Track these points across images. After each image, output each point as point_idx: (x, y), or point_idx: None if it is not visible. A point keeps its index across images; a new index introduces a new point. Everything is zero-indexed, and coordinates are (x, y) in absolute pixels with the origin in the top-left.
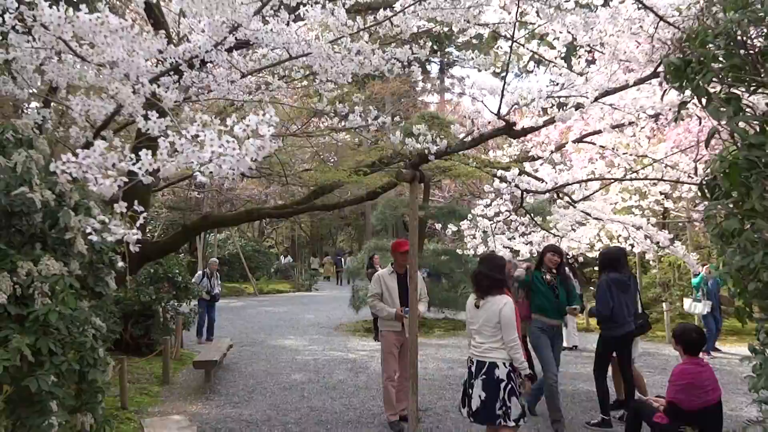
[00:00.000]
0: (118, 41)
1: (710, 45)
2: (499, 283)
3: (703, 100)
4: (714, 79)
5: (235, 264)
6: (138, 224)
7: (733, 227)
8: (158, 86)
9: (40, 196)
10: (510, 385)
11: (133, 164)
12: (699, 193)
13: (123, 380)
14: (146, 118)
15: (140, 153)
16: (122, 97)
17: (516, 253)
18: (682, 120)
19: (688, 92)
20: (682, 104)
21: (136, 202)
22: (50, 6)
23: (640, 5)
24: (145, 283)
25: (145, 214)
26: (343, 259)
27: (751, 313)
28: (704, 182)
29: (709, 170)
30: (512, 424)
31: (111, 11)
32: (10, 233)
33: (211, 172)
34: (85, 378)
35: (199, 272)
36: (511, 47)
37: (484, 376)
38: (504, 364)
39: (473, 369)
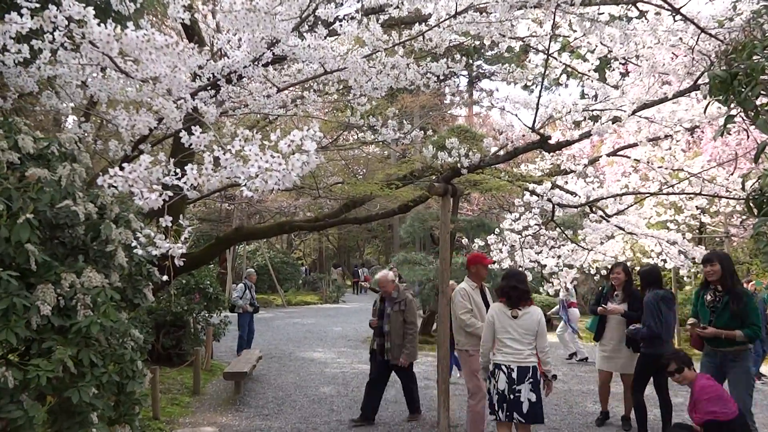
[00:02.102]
0: (162, 57)
1: (758, 57)
2: (528, 294)
3: (750, 114)
4: (762, 92)
5: (264, 275)
6: (183, 238)
7: None
8: (199, 101)
9: (83, 209)
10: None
11: (178, 179)
12: (737, 208)
13: (155, 390)
14: (190, 132)
15: (185, 168)
16: (167, 113)
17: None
18: (729, 134)
19: (733, 105)
20: (729, 117)
21: (171, 215)
22: (99, 24)
23: (680, 17)
24: (177, 293)
25: (190, 229)
26: (361, 271)
27: None
28: (751, 197)
29: (756, 185)
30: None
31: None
32: (54, 245)
33: (257, 188)
34: (123, 390)
35: (241, 284)
36: (547, 60)
37: (531, 380)
38: (537, 367)
39: (515, 375)
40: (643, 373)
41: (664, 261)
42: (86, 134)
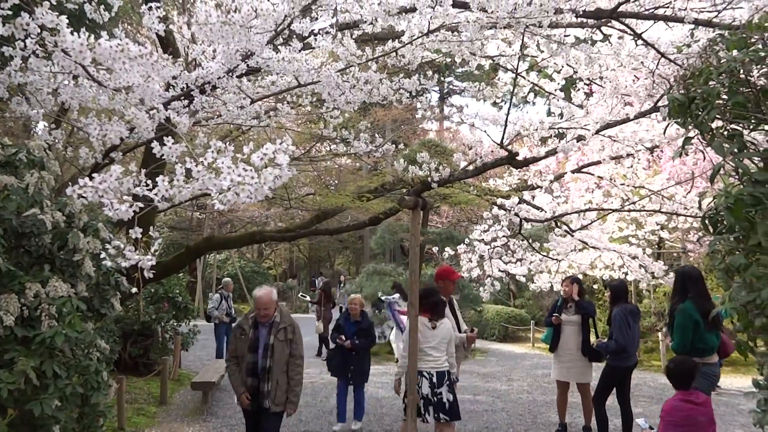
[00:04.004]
0: (136, 67)
1: (714, 83)
2: (444, 307)
3: (707, 136)
4: (717, 116)
5: (234, 285)
6: (153, 250)
7: (739, 263)
8: (172, 111)
9: (50, 218)
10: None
11: (149, 190)
12: (694, 225)
13: (121, 400)
14: (162, 143)
15: (157, 179)
16: (139, 123)
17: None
18: (686, 155)
19: (691, 128)
20: (687, 140)
21: (141, 225)
22: (72, 33)
23: (641, 42)
24: (145, 302)
25: (160, 240)
26: (318, 281)
27: (754, 347)
28: (707, 216)
29: (711, 204)
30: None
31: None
32: (19, 254)
33: (229, 201)
34: (87, 401)
35: (216, 295)
36: (515, 79)
37: (448, 382)
38: (450, 371)
39: (435, 380)
40: (607, 385)
41: (626, 274)
42: (56, 141)
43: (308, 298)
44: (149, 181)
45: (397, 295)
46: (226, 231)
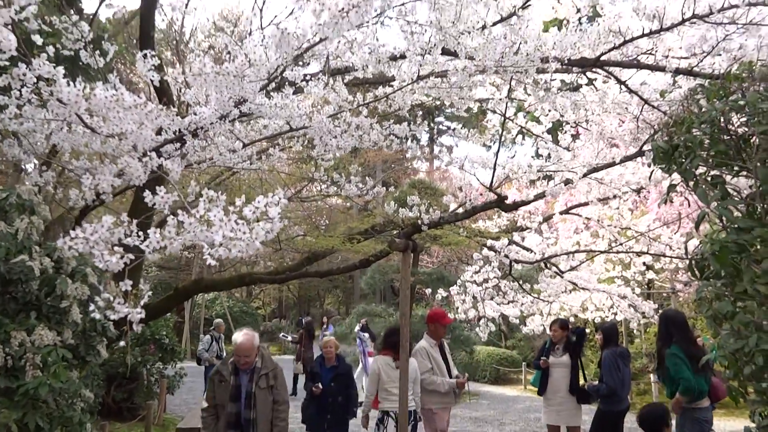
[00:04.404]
0: (129, 115)
1: (696, 131)
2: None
3: (691, 183)
4: (700, 163)
5: (211, 326)
6: (142, 302)
7: (726, 310)
8: (163, 157)
9: (39, 264)
10: None
11: (141, 242)
12: (680, 265)
13: None
14: (153, 192)
15: (149, 231)
16: (131, 171)
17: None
18: (671, 202)
19: (675, 174)
20: (672, 186)
21: (130, 274)
22: (68, 84)
23: (625, 89)
24: (131, 344)
25: (149, 293)
26: (305, 320)
27: (746, 394)
28: (693, 261)
29: (698, 250)
30: None
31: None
32: (5, 301)
33: (220, 256)
34: None
35: (207, 336)
36: (503, 123)
37: (413, 421)
38: (415, 411)
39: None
40: (599, 429)
41: (615, 314)
42: (47, 183)
43: (289, 338)
44: (140, 232)
45: (366, 335)
46: (215, 271)
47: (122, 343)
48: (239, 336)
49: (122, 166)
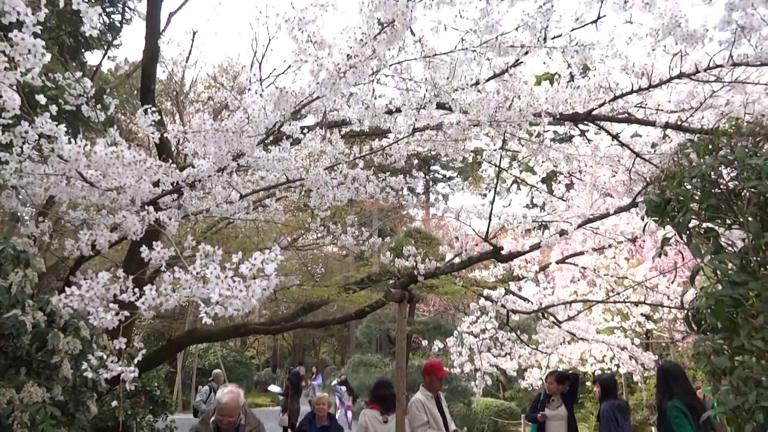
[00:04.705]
0: (129, 171)
1: (687, 185)
2: (395, 400)
3: (684, 236)
4: (692, 217)
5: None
6: (136, 361)
7: (724, 365)
8: (161, 209)
9: (31, 318)
10: None
11: (137, 299)
12: (679, 315)
13: None
14: (150, 246)
15: (145, 288)
16: (128, 226)
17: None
18: (665, 255)
19: (669, 227)
20: (665, 240)
21: (125, 330)
22: (69, 141)
23: (617, 142)
24: (121, 398)
25: (143, 351)
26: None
27: None
28: (690, 314)
29: (693, 303)
30: None
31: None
32: None
33: (216, 314)
34: None
35: (206, 387)
36: (498, 174)
37: None
38: None
39: None
40: None
41: (617, 366)
42: (42, 234)
43: (277, 390)
44: (136, 288)
45: (343, 388)
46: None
47: (114, 403)
48: (224, 395)
49: (120, 221)
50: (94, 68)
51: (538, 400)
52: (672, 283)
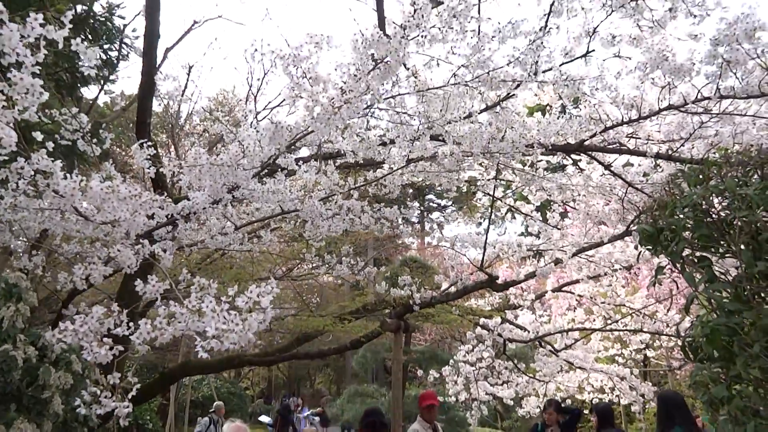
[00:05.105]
0: (124, 205)
1: (679, 214)
2: (386, 428)
3: (678, 265)
4: (685, 246)
5: (209, 407)
6: (129, 396)
7: (722, 395)
8: (156, 241)
9: (22, 353)
10: None
11: (131, 333)
12: (678, 342)
13: None
14: (144, 280)
15: (140, 322)
16: (123, 259)
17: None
18: (660, 284)
19: (662, 256)
20: (659, 269)
21: (118, 365)
22: (65, 177)
23: (609, 172)
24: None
25: (138, 385)
26: (291, 401)
27: None
28: (686, 343)
29: (689, 332)
30: None
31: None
32: None
33: (212, 348)
34: None
35: (205, 419)
36: (492, 203)
37: None
38: None
39: None
40: None
41: (618, 396)
42: (36, 267)
43: (267, 421)
44: (130, 322)
45: (317, 419)
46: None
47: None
48: (232, 430)
49: (114, 255)
50: (91, 102)
51: (536, 430)
52: (669, 310)
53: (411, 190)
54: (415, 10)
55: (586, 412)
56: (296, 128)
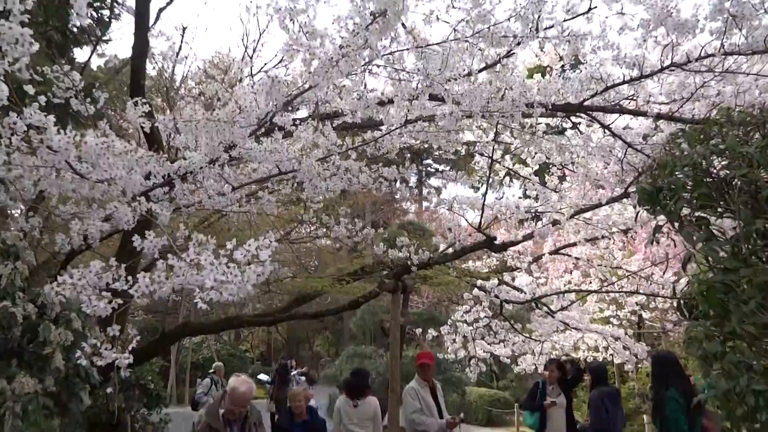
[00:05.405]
0: (119, 162)
1: (678, 173)
2: (366, 388)
3: (676, 224)
4: (684, 205)
5: (209, 369)
6: (130, 347)
7: (716, 350)
8: (152, 201)
9: (22, 310)
10: None
11: (130, 286)
12: (673, 304)
13: None
14: (142, 236)
15: (138, 276)
16: (120, 216)
17: None
18: (657, 243)
19: (661, 216)
20: (657, 228)
21: (117, 319)
22: (58, 131)
23: (609, 133)
24: (115, 392)
25: (138, 338)
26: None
27: None
28: (682, 301)
29: (686, 290)
30: None
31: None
32: None
33: (211, 299)
34: None
35: (207, 380)
36: (491, 166)
37: None
38: None
39: None
40: None
41: (612, 356)
42: (33, 228)
43: (266, 379)
44: (128, 276)
45: (303, 379)
46: (203, 314)
47: (109, 390)
48: (241, 385)
49: (110, 211)
50: (83, 64)
51: (537, 388)
52: (665, 273)
53: (409, 155)
54: None
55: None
56: (293, 84)
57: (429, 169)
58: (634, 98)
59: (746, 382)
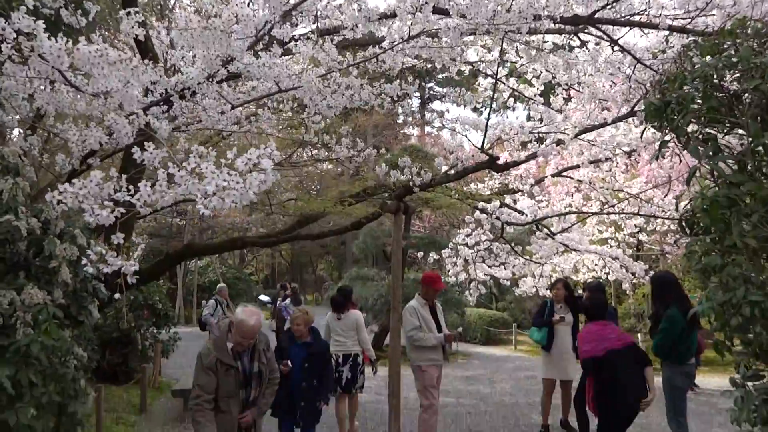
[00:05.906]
0: (114, 72)
1: (688, 87)
2: (347, 303)
3: (682, 140)
4: (692, 120)
5: (214, 290)
6: (135, 255)
7: (715, 263)
8: (151, 117)
9: (25, 224)
10: (362, 367)
11: (131, 195)
12: (671, 227)
13: (99, 410)
14: (142, 148)
15: (139, 184)
16: (118, 128)
17: None
18: (663, 158)
19: (667, 131)
20: (663, 143)
21: (122, 231)
22: (49, 38)
23: (618, 48)
24: (124, 309)
25: (142, 246)
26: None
27: (732, 347)
28: (684, 218)
29: (688, 206)
30: (360, 392)
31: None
32: None
33: (214, 206)
34: (65, 410)
35: (212, 300)
36: (495, 84)
37: (351, 363)
38: (359, 354)
39: (341, 360)
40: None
41: (607, 274)
42: (32, 147)
43: (266, 299)
44: (131, 186)
45: (288, 301)
46: (207, 237)
47: (117, 295)
48: (250, 318)
49: (109, 124)
50: None
51: (545, 307)
52: (666, 195)
53: (411, 77)
54: None
55: (581, 291)
56: None
57: (432, 92)
58: (646, 13)
59: (743, 294)
